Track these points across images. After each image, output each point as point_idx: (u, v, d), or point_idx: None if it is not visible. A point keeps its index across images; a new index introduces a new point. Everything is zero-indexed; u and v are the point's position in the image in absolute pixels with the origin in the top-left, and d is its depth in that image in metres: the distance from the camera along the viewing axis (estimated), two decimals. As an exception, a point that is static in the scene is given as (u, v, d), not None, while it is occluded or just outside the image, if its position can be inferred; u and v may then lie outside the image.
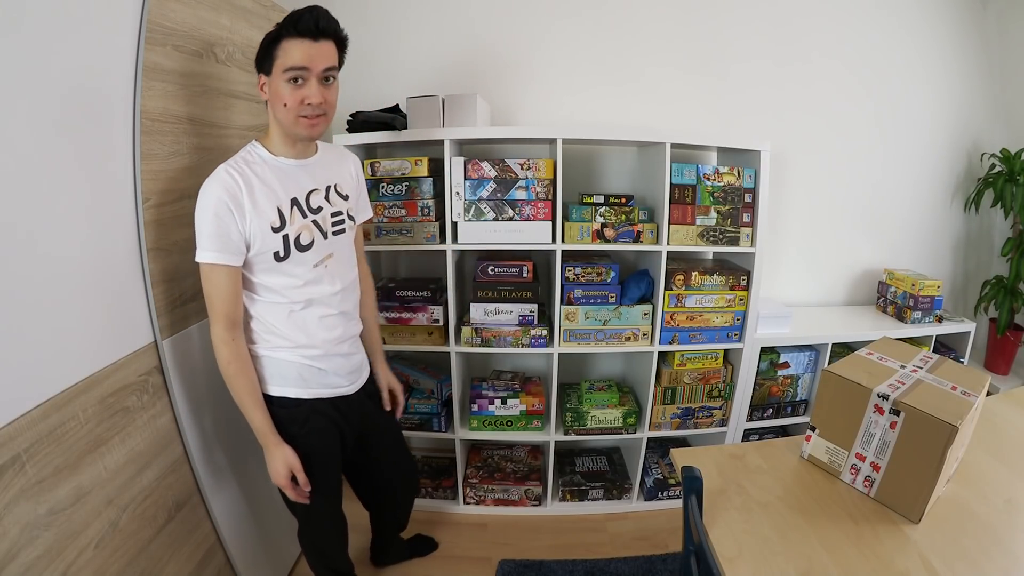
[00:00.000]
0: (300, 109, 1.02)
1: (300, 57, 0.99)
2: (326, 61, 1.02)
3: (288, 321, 1.10)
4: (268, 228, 1.03)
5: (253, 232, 1.01)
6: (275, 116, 1.06)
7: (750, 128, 2.02)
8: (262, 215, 1.02)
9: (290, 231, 1.06)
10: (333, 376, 1.18)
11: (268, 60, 1.01)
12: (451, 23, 1.93)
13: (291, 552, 1.68)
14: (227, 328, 1.03)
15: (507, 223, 1.64)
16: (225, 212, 0.98)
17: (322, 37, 1.00)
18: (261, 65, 1.03)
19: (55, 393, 0.86)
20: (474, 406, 1.86)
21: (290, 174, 1.09)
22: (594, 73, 1.98)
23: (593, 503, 1.97)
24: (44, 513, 0.83)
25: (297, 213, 1.08)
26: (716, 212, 1.69)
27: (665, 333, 1.76)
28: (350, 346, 1.23)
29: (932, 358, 1.02)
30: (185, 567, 1.17)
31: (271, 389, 1.12)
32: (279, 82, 1.01)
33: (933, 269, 2.23)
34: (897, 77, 2.05)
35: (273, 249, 1.04)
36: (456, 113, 1.63)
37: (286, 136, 1.08)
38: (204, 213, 0.98)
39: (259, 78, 1.05)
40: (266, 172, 1.06)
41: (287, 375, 1.12)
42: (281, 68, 1.00)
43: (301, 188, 1.10)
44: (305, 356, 1.13)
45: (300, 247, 1.07)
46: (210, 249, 0.99)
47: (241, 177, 1.01)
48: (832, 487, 0.95)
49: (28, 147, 0.81)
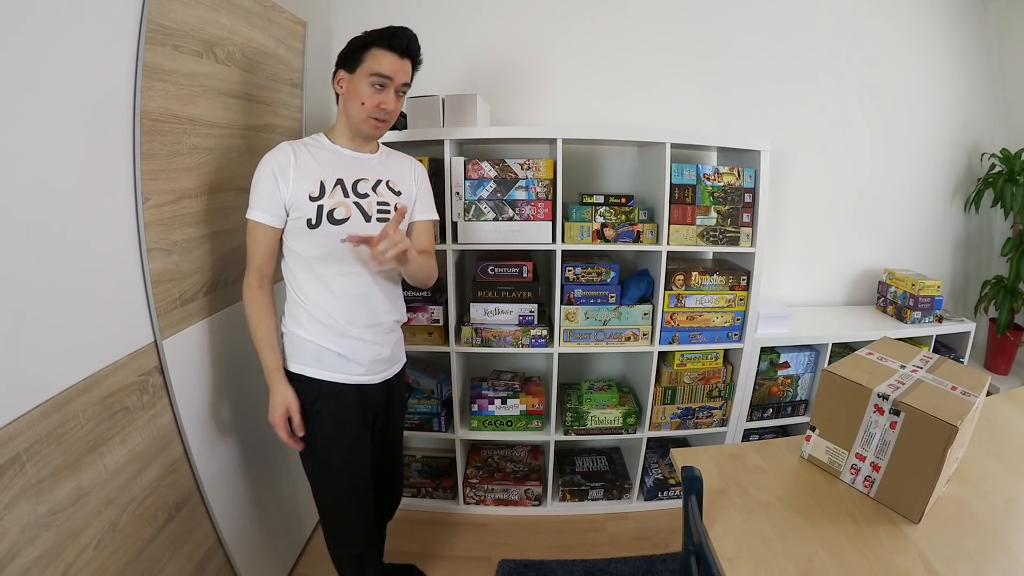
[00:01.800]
0: (374, 112, 1.14)
1: (388, 67, 1.11)
2: (405, 77, 1.15)
3: (312, 293, 1.16)
4: (306, 196, 1.12)
5: (292, 196, 1.11)
6: (346, 110, 1.17)
7: (750, 128, 2.02)
8: (303, 183, 1.12)
9: (326, 203, 1.13)
10: (352, 363, 1.19)
11: (354, 61, 1.12)
12: (451, 24, 1.93)
13: (291, 552, 1.68)
14: (258, 278, 1.14)
15: (507, 223, 1.64)
16: (271, 179, 1.10)
17: (407, 56, 1.14)
18: (345, 63, 1.14)
19: (55, 393, 0.86)
20: (474, 406, 1.86)
21: (343, 161, 1.19)
22: (594, 73, 1.98)
23: (593, 503, 1.97)
24: (44, 513, 0.83)
25: (339, 190, 1.16)
26: (716, 212, 1.69)
27: (665, 333, 1.76)
28: (374, 335, 1.22)
29: (932, 358, 1.02)
30: (185, 567, 1.17)
31: (290, 365, 1.18)
32: (362, 83, 1.12)
33: (933, 269, 2.23)
34: (897, 77, 2.06)
35: (307, 216, 1.12)
36: (456, 113, 1.63)
37: (349, 130, 1.19)
38: (258, 176, 1.12)
39: (337, 73, 1.16)
40: (321, 154, 1.17)
41: (305, 354, 1.18)
42: (368, 72, 1.11)
43: (351, 173, 1.18)
44: (323, 337, 1.17)
45: (332, 220, 1.13)
46: (256, 208, 1.11)
47: (294, 152, 1.13)
48: (832, 487, 0.95)
49: (28, 147, 0.81)
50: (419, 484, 1.99)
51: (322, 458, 1.20)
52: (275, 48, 1.50)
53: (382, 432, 1.33)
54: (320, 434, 1.18)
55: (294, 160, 1.12)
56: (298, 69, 1.65)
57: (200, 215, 1.22)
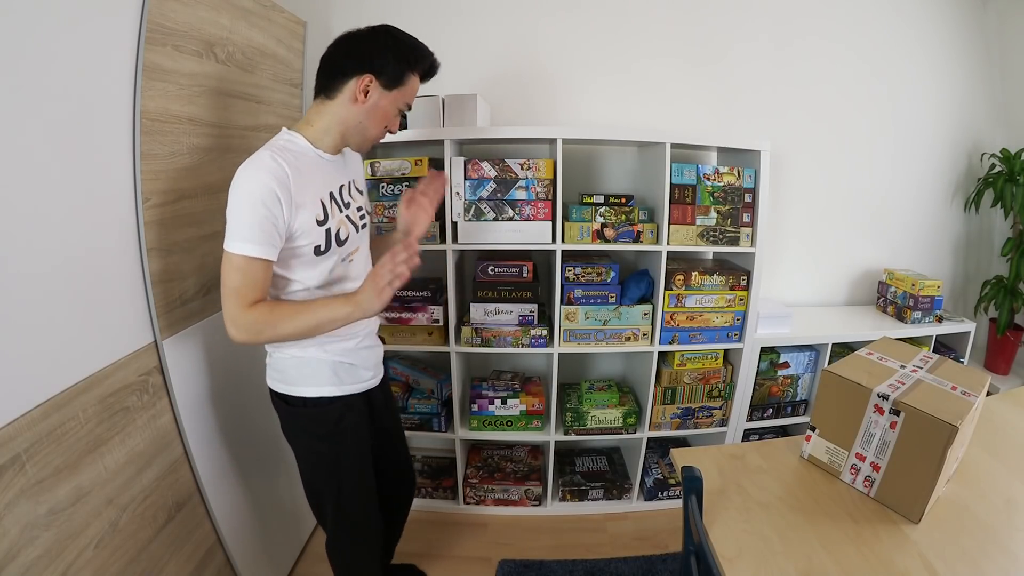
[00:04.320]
0: (383, 133, 1.08)
1: (413, 96, 1.07)
2: None
3: None
4: (313, 221, 0.98)
5: (300, 224, 0.96)
6: (358, 122, 1.03)
7: (750, 128, 2.02)
8: (309, 207, 0.98)
9: (332, 225, 1.03)
10: (363, 370, 1.18)
11: (396, 80, 1.01)
12: (451, 23, 1.93)
13: (291, 552, 1.68)
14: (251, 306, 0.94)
15: (507, 223, 1.64)
16: (273, 202, 0.91)
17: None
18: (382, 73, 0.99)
19: (55, 393, 0.86)
20: (474, 406, 1.86)
21: (326, 168, 1.06)
22: (594, 73, 1.98)
23: (593, 503, 1.97)
24: (44, 513, 0.83)
25: (335, 207, 1.05)
26: (716, 212, 1.69)
27: (665, 333, 1.76)
28: (373, 339, 1.23)
29: (932, 358, 1.02)
30: (185, 567, 1.18)
31: (304, 390, 1.08)
32: (393, 106, 1.04)
33: (933, 269, 2.23)
34: (897, 77, 2.06)
35: (315, 243, 1.00)
36: (456, 113, 1.63)
37: (344, 139, 1.06)
38: (248, 201, 0.90)
39: (367, 79, 0.98)
40: (307, 163, 1.01)
41: (321, 374, 1.09)
42: (403, 98, 1.05)
43: (335, 182, 1.08)
44: (337, 352, 1.11)
45: (339, 241, 1.05)
46: (252, 241, 0.91)
47: (288, 165, 0.94)
48: (832, 487, 0.95)
49: (28, 147, 0.81)
50: (419, 484, 1.99)
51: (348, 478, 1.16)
52: (275, 48, 1.50)
53: (390, 426, 1.34)
54: (343, 453, 1.14)
55: (292, 177, 0.93)
56: (298, 69, 1.65)
57: (200, 215, 1.22)
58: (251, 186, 0.91)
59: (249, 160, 0.94)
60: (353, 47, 1.01)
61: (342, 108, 1.02)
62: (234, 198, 0.92)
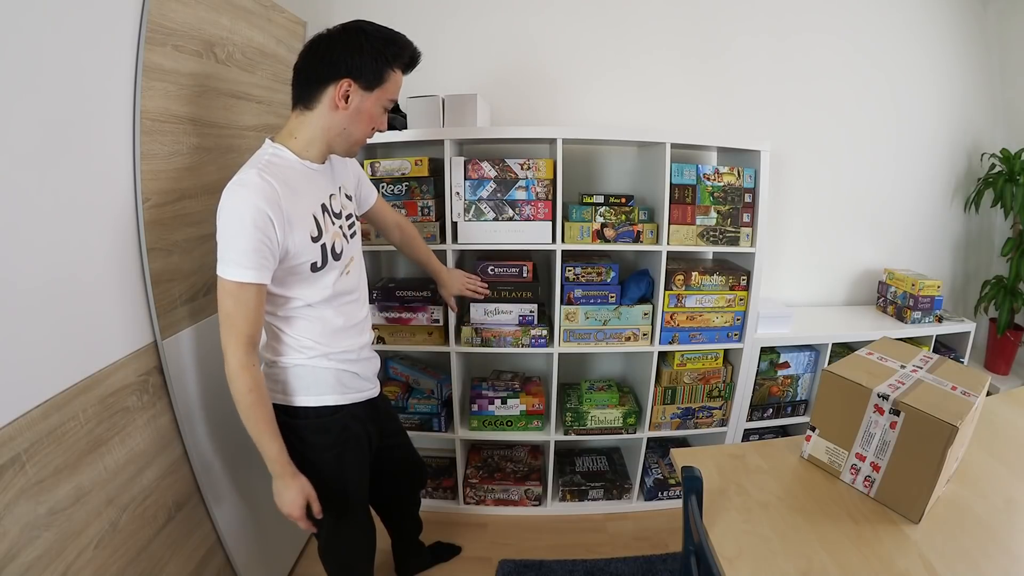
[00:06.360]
0: (371, 134, 1.04)
1: (398, 91, 1.02)
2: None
3: (324, 330, 1.06)
4: (308, 238, 0.96)
5: (295, 243, 0.94)
6: (342, 128, 0.99)
7: (750, 128, 2.02)
8: (303, 224, 0.95)
9: (326, 239, 1.00)
10: (364, 380, 1.18)
11: (376, 79, 0.97)
12: (451, 23, 1.93)
13: (291, 552, 1.68)
14: (248, 352, 0.94)
15: (507, 223, 1.64)
16: (265, 223, 0.88)
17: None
18: (361, 75, 0.95)
19: (55, 393, 0.86)
20: (474, 406, 1.86)
21: (314, 179, 1.02)
22: (594, 72, 1.98)
23: (593, 503, 1.97)
24: (44, 513, 0.83)
25: (328, 219, 1.02)
26: (716, 212, 1.69)
27: (665, 333, 1.76)
28: (370, 350, 1.23)
29: (932, 358, 1.02)
30: (185, 567, 1.18)
31: (307, 400, 1.07)
32: (377, 106, 1.00)
33: (933, 269, 2.23)
34: (898, 77, 2.05)
35: (311, 260, 0.98)
36: (456, 113, 1.63)
37: (328, 146, 1.02)
38: (239, 224, 0.87)
39: (345, 84, 0.94)
40: (296, 177, 0.97)
41: (325, 383, 1.08)
42: (386, 96, 1.00)
43: (325, 192, 1.04)
44: (342, 361, 1.10)
45: (335, 255, 1.03)
46: (246, 266, 0.88)
47: (277, 183, 0.90)
48: (832, 487, 0.95)
49: (28, 147, 0.81)
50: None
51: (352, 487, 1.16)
52: (275, 48, 1.50)
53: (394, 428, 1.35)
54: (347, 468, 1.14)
55: (282, 195, 0.90)
56: (298, 69, 1.65)
57: (200, 215, 1.22)
58: (241, 208, 0.87)
59: (235, 180, 0.90)
60: (326, 52, 0.95)
61: (323, 117, 0.97)
62: (223, 221, 0.88)
